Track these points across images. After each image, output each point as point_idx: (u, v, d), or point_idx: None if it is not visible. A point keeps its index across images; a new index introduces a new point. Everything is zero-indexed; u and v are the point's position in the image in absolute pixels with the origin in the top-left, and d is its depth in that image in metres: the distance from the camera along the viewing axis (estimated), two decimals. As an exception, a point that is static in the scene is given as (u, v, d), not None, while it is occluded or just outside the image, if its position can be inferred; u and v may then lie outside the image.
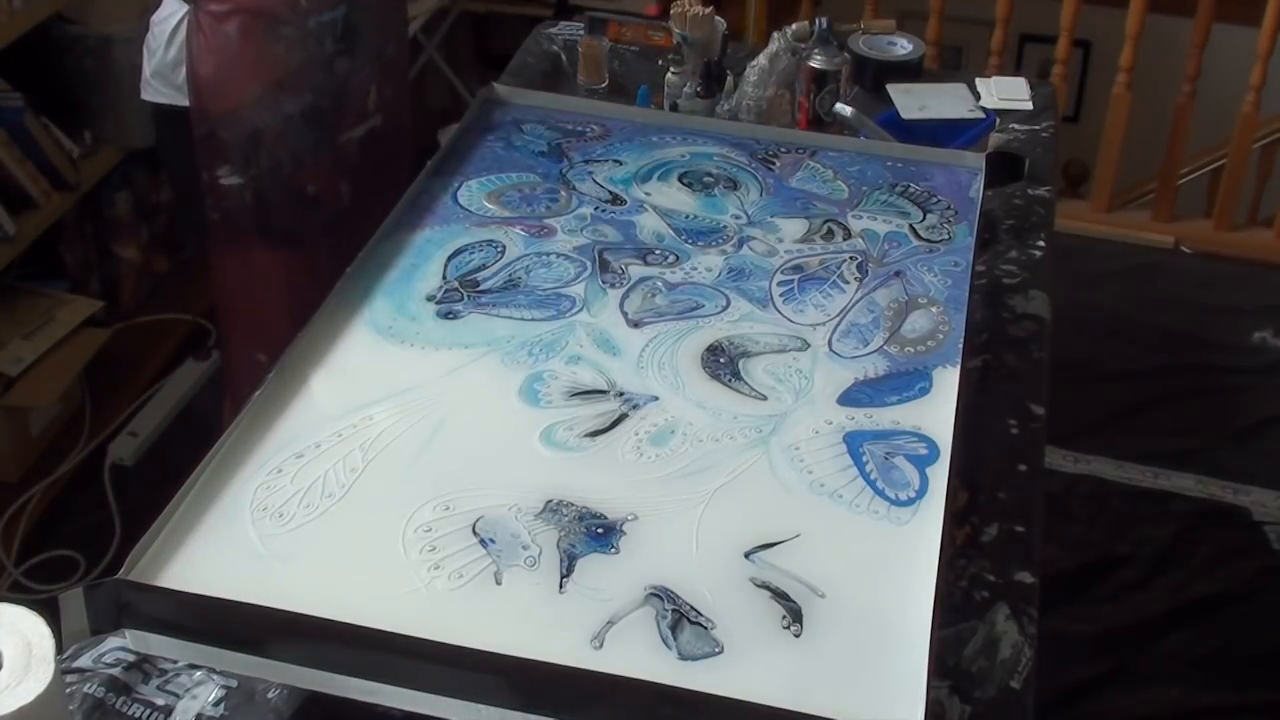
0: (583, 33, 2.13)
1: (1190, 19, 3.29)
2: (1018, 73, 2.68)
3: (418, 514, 1.17)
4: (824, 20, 1.96)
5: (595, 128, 1.78)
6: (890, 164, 1.73)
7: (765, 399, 1.33)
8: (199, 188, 1.87)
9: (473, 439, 1.26)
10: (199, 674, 1.15)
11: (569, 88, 2.05)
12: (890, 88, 2.08)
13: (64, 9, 2.59)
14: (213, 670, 1.14)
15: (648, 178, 1.67)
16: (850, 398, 1.34)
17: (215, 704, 1.13)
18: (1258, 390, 2.93)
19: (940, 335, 1.43)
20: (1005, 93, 2.13)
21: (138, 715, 1.12)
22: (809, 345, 1.41)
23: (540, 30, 2.31)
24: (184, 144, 1.88)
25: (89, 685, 1.14)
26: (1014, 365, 1.55)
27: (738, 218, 1.61)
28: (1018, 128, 2.07)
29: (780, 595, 1.12)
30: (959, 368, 1.37)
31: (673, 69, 1.98)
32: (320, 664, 1.04)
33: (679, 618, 1.09)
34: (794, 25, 2.05)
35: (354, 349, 1.36)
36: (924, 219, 1.62)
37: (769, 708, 1.00)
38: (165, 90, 1.87)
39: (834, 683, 1.05)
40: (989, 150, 1.91)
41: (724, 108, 1.97)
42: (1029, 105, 2.11)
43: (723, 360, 1.38)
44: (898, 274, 1.52)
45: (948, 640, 1.20)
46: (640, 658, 1.06)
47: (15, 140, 2.47)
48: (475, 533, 1.16)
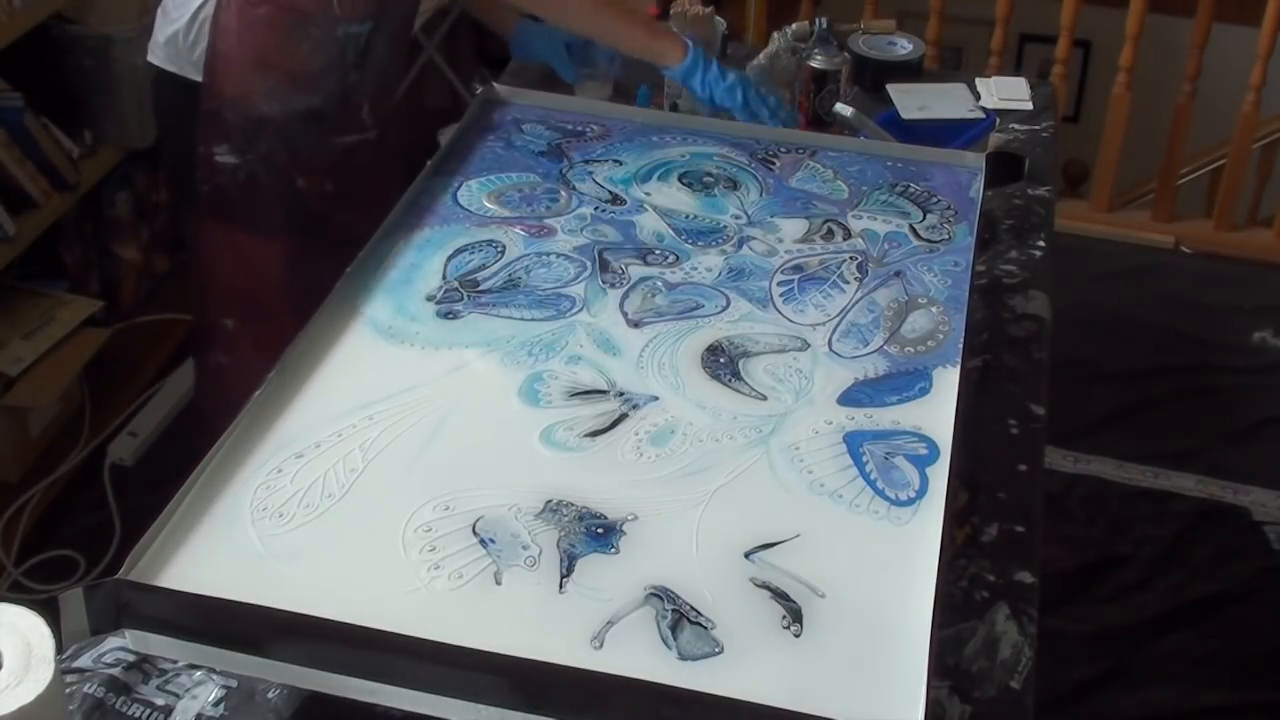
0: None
1: (1190, 19, 3.29)
2: (1018, 73, 2.68)
3: (418, 514, 1.17)
4: (824, 20, 1.96)
5: (595, 128, 1.78)
6: (890, 164, 1.73)
7: (765, 399, 1.33)
8: (191, 156, 1.90)
9: (473, 439, 1.26)
10: (199, 674, 1.15)
11: (569, 88, 2.05)
12: (890, 88, 2.08)
13: (64, 9, 2.59)
14: (213, 670, 1.14)
15: (648, 178, 1.67)
16: (850, 398, 1.34)
17: (215, 704, 1.13)
18: (1258, 390, 2.93)
19: (940, 335, 1.43)
20: (1005, 93, 2.13)
21: (138, 715, 1.12)
22: (809, 345, 1.41)
23: (540, 30, 2.31)
24: (179, 113, 1.90)
25: (89, 685, 1.14)
26: (1014, 365, 1.55)
27: (738, 218, 1.61)
28: (1018, 128, 2.07)
29: (780, 595, 1.12)
30: (959, 368, 1.37)
31: (672, 69, 1.98)
32: (320, 664, 1.04)
33: (679, 618, 1.09)
34: (794, 25, 2.05)
35: (354, 349, 1.36)
36: (924, 219, 1.62)
37: (769, 708, 1.00)
38: (172, 60, 1.89)
39: (834, 683, 1.05)
40: (989, 150, 1.91)
41: (724, 108, 1.97)
42: (1029, 105, 2.11)
43: (723, 360, 1.38)
44: (898, 274, 1.52)
45: (948, 640, 1.20)
46: (640, 658, 1.06)
47: (15, 140, 2.47)
48: (475, 533, 1.16)
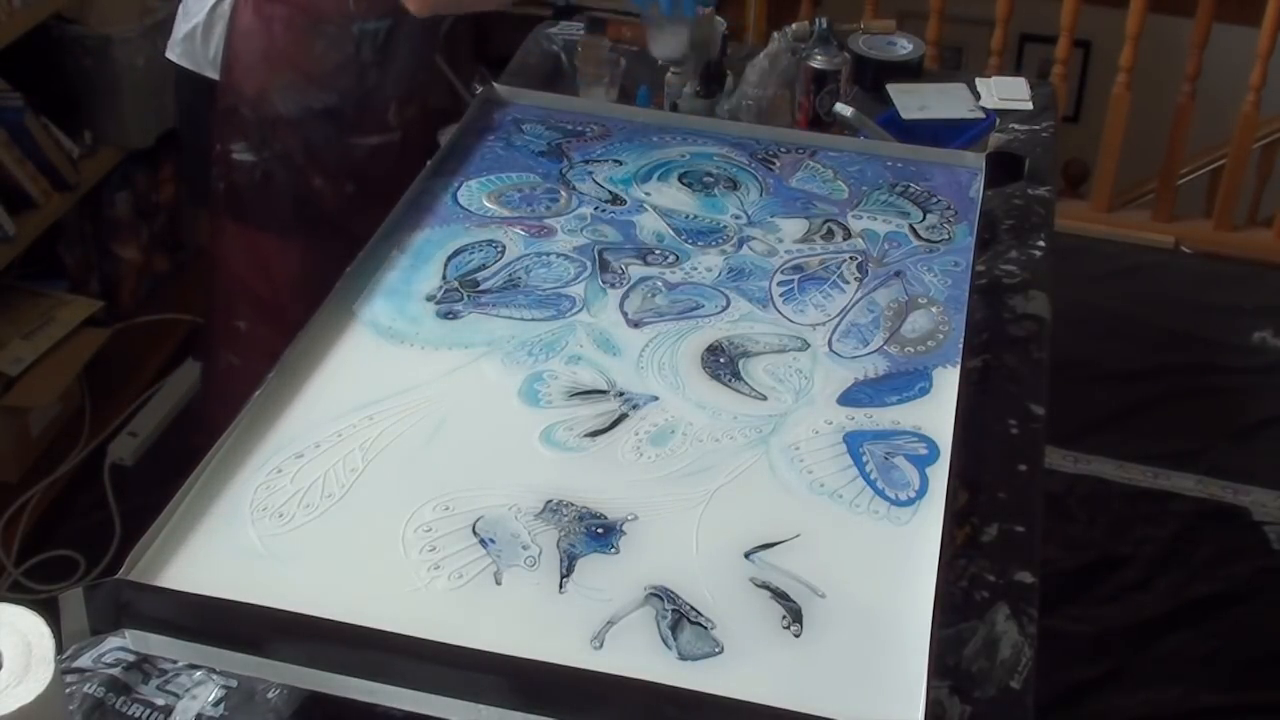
0: (583, 33, 2.13)
1: (1190, 19, 3.29)
2: (1018, 73, 2.68)
3: (418, 514, 1.17)
4: (824, 20, 1.96)
5: (595, 128, 1.78)
6: (890, 164, 1.73)
7: (765, 399, 1.33)
8: (207, 154, 1.91)
9: (473, 439, 1.26)
10: (199, 674, 1.15)
11: (569, 88, 2.05)
12: (890, 88, 2.08)
13: (64, 9, 2.59)
14: (213, 670, 1.14)
15: (648, 178, 1.67)
16: (850, 398, 1.34)
17: (215, 704, 1.13)
18: (1258, 390, 2.93)
19: (940, 335, 1.43)
20: (1005, 93, 2.13)
21: (138, 715, 1.12)
22: (809, 345, 1.41)
23: (540, 30, 2.31)
24: (196, 110, 1.91)
25: (89, 685, 1.14)
26: (1014, 365, 1.55)
27: (738, 218, 1.61)
28: (1018, 128, 2.07)
29: (780, 595, 1.12)
30: (959, 368, 1.37)
31: (673, 69, 1.98)
32: (320, 664, 1.04)
33: (679, 618, 1.09)
34: (794, 25, 2.05)
35: (354, 349, 1.36)
36: (924, 219, 1.62)
37: (769, 708, 1.00)
38: (190, 57, 1.89)
39: (834, 683, 1.05)
40: (989, 150, 1.91)
41: (724, 108, 1.97)
42: (1029, 105, 2.11)
43: (723, 360, 1.38)
44: (898, 274, 1.52)
45: (948, 640, 1.20)
46: (640, 658, 1.06)
47: (15, 140, 2.47)
48: (475, 533, 1.16)
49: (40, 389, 2.52)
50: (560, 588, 1.11)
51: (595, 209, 1.61)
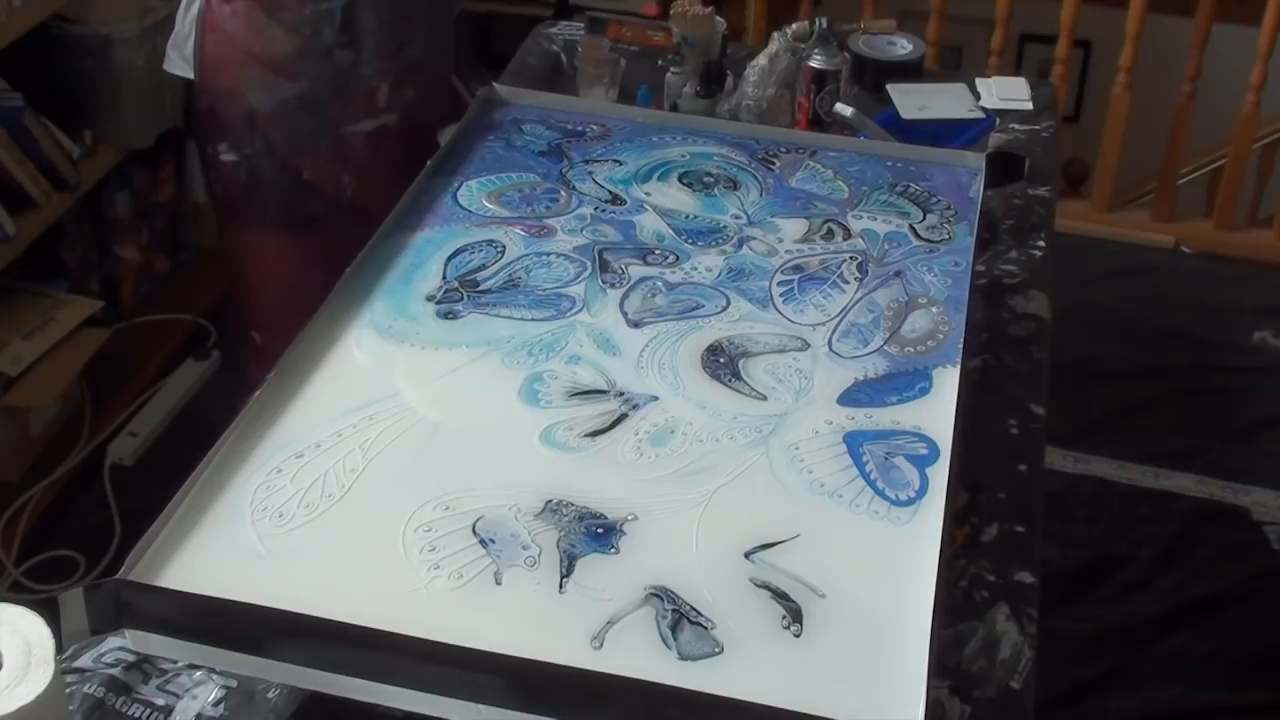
0: (583, 33, 2.13)
1: (1190, 19, 3.29)
2: (1018, 73, 2.68)
3: (418, 514, 1.17)
4: (824, 20, 1.96)
5: (595, 128, 1.78)
6: (890, 164, 1.73)
7: (765, 399, 1.33)
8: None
9: (473, 439, 1.26)
10: (199, 674, 1.15)
11: (569, 88, 2.05)
12: (890, 88, 2.08)
13: (64, 9, 2.59)
14: (213, 670, 1.14)
15: (648, 178, 1.67)
16: (850, 398, 1.34)
17: (215, 704, 1.13)
18: (1258, 390, 2.93)
19: (940, 335, 1.43)
20: (1005, 93, 2.13)
21: (138, 715, 1.12)
22: (809, 345, 1.41)
23: (540, 30, 2.31)
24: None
25: (89, 685, 1.14)
26: (1014, 365, 1.55)
27: (738, 218, 1.61)
28: (1018, 128, 2.07)
29: (780, 595, 1.12)
30: (959, 368, 1.37)
31: (673, 69, 1.98)
32: (320, 664, 1.04)
33: (679, 618, 1.09)
34: (794, 25, 2.05)
35: (354, 349, 1.36)
36: (924, 219, 1.62)
37: (769, 708, 1.00)
38: (178, 62, 1.90)
39: (834, 683, 1.05)
40: (989, 150, 1.91)
41: (724, 108, 1.97)
42: (1029, 105, 2.11)
43: (723, 360, 1.38)
44: (898, 274, 1.52)
45: (948, 640, 1.20)
46: (640, 658, 1.06)
47: (15, 140, 2.47)
48: (475, 533, 1.16)
49: (40, 389, 2.52)
50: (560, 588, 1.11)
51: (595, 209, 1.61)
